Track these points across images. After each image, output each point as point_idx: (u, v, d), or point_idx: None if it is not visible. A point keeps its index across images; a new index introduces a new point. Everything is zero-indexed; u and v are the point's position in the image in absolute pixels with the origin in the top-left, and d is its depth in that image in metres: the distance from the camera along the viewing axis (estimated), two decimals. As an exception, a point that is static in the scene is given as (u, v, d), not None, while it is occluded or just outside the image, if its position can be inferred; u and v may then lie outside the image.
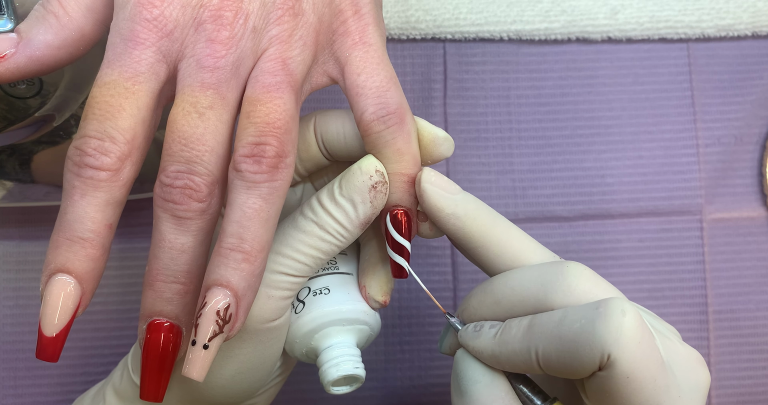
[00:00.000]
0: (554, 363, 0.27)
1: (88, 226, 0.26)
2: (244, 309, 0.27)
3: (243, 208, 0.26)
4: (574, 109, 0.46)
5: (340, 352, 0.31)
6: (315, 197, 0.31)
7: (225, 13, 0.27)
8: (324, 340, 0.32)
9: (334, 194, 0.30)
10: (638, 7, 0.45)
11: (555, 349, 0.27)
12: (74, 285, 0.26)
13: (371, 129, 0.30)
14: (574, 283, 0.28)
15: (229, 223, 0.27)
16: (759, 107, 0.46)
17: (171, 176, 0.26)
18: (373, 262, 0.33)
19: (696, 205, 0.46)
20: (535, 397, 0.30)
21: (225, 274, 0.26)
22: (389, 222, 0.31)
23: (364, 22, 0.30)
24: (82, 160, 0.26)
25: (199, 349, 0.26)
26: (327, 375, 0.31)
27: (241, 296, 0.27)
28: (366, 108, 0.30)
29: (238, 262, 0.26)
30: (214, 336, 0.26)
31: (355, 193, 0.30)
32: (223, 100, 0.27)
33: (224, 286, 0.26)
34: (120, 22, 0.27)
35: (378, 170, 0.30)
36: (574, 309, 0.27)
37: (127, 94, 0.26)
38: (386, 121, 0.30)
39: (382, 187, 0.30)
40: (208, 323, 0.26)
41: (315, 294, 0.32)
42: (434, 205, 0.31)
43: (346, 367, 0.31)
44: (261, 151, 0.26)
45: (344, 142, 0.32)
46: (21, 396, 0.43)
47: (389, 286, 0.34)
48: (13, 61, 0.27)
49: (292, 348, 0.32)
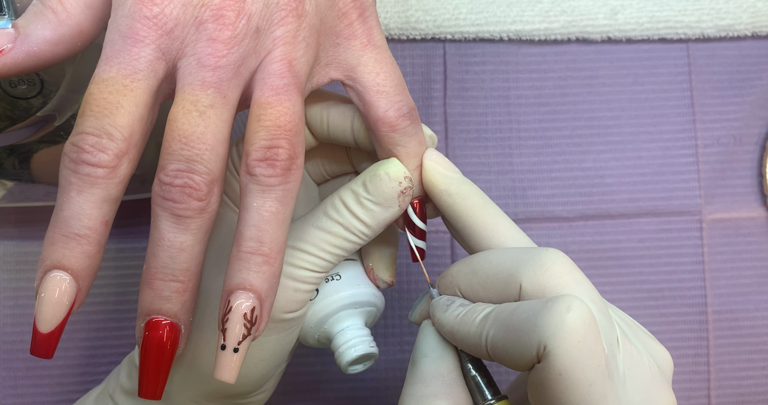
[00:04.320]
0: (499, 350, 0.27)
1: (84, 223, 0.26)
2: (267, 309, 0.27)
3: (260, 211, 0.27)
4: (574, 110, 0.46)
5: (354, 334, 0.33)
6: (338, 198, 0.31)
7: (227, 12, 0.27)
8: (337, 325, 0.33)
9: (360, 198, 0.31)
10: (638, 7, 0.46)
11: (501, 337, 0.27)
12: (70, 281, 0.26)
13: (398, 125, 0.31)
14: (547, 264, 0.28)
15: (246, 227, 0.27)
16: (758, 107, 0.46)
17: (170, 175, 0.26)
18: (378, 245, 0.35)
19: (695, 206, 0.46)
20: (485, 388, 0.30)
21: (247, 277, 0.27)
22: (412, 213, 0.33)
23: (369, 25, 0.31)
24: (79, 156, 0.26)
25: (229, 353, 0.27)
26: (346, 356, 0.32)
27: (265, 298, 0.27)
28: (390, 106, 0.31)
29: (259, 265, 0.27)
30: (243, 339, 0.27)
31: (383, 198, 0.31)
32: (224, 98, 0.27)
33: (248, 290, 0.27)
34: (119, 19, 0.27)
35: (406, 176, 0.31)
36: (529, 301, 0.28)
37: (125, 91, 0.26)
38: (411, 116, 0.31)
39: (409, 191, 0.31)
40: (236, 327, 0.27)
41: (327, 280, 0.34)
42: (430, 181, 0.32)
43: (362, 347, 0.32)
44: (274, 155, 0.27)
45: (326, 130, 0.33)
46: (21, 396, 0.43)
47: (395, 267, 0.35)
48: (11, 57, 0.27)
49: (305, 335, 0.34)
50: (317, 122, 0.33)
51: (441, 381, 0.30)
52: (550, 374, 0.26)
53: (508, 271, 0.29)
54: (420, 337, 0.31)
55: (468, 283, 0.30)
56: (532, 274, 0.28)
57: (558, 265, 0.28)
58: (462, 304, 0.30)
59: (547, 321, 0.26)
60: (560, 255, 0.29)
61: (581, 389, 0.26)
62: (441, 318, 0.30)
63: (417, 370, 0.30)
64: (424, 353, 0.30)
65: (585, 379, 0.26)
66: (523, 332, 0.26)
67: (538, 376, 0.26)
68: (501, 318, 0.28)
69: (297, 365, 0.45)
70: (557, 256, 0.29)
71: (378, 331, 0.45)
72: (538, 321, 0.26)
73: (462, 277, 0.31)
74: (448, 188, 0.32)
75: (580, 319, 0.26)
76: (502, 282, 0.29)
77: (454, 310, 0.30)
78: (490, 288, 0.30)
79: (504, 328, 0.27)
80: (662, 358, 0.30)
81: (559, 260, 0.29)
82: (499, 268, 0.29)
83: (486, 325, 0.28)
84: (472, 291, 0.30)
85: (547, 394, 0.26)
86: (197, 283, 0.28)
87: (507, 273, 0.29)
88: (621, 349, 0.28)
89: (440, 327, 0.30)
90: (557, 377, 0.26)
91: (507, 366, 0.28)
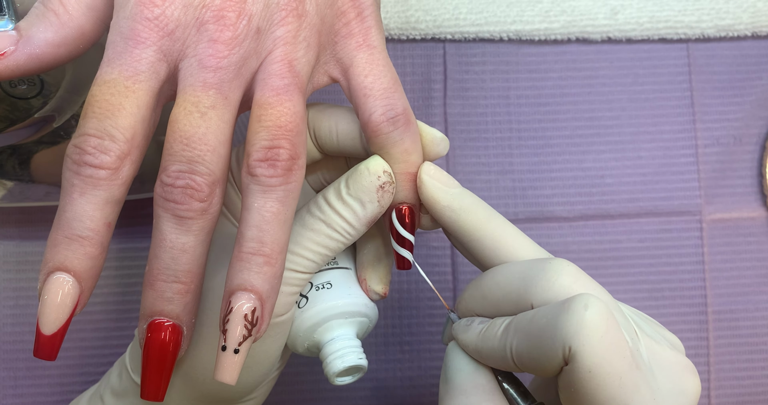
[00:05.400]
0: (525, 359, 0.27)
1: (87, 225, 0.26)
2: (268, 310, 0.27)
3: (261, 211, 0.27)
4: (574, 110, 0.46)
5: (343, 344, 0.32)
6: (321, 196, 0.31)
7: (228, 13, 0.27)
8: (326, 334, 0.33)
9: (342, 194, 0.31)
10: (638, 7, 0.46)
11: (525, 346, 0.27)
12: (73, 283, 0.26)
13: (380, 130, 0.30)
14: (553, 278, 0.28)
15: (247, 227, 0.27)
16: (758, 108, 0.46)
17: (172, 176, 0.26)
18: (372, 257, 0.34)
19: (695, 206, 0.46)
20: (519, 398, 0.30)
21: (248, 278, 0.27)
22: (395, 218, 0.32)
23: (367, 25, 0.31)
24: (81, 158, 0.26)
25: (230, 354, 0.27)
26: (332, 367, 0.32)
27: (266, 298, 0.27)
28: (374, 109, 0.30)
29: (260, 266, 0.27)
30: (243, 340, 0.27)
31: (363, 193, 0.30)
32: (226, 99, 0.27)
33: (248, 290, 0.27)
34: (120, 21, 0.27)
35: (386, 171, 0.31)
36: (545, 307, 0.28)
37: (127, 92, 0.26)
38: (395, 122, 0.30)
39: (389, 187, 0.31)
40: (236, 328, 0.27)
41: (318, 289, 0.33)
42: (431, 197, 0.31)
43: (350, 358, 0.32)
44: (275, 155, 0.27)
45: (336, 141, 0.32)
46: (21, 396, 0.43)
47: (388, 279, 0.34)
48: (13, 59, 0.27)
49: (294, 342, 0.33)
50: (326, 133, 0.32)
51: (481, 390, 0.30)
52: (580, 374, 0.26)
53: (516, 292, 0.29)
54: (449, 357, 0.31)
55: (482, 307, 0.31)
56: (541, 292, 0.28)
57: (564, 275, 0.28)
58: (482, 321, 0.30)
59: (567, 322, 0.26)
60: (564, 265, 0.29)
61: (613, 383, 0.26)
62: (464, 338, 0.30)
63: (454, 383, 0.30)
64: (457, 368, 0.30)
65: (615, 372, 0.26)
66: (546, 338, 0.26)
67: (569, 378, 0.26)
68: (521, 327, 0.28)
69: (297, 365, 0.45)
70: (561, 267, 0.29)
71: (378, 331, 0.45)
72: (558, 324, 0.26)
73: (474, 302, 0.31)
74: (450, 204, 0.31)
75: (599, 315, 0.26)
76: (513, 303, 0.29)
77: (475, 329, 0.30)
78: (503, 310, 0.30)
79: (526, 337, 0.27)
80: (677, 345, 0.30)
81: (565, 270, 0.28)
82: (507, 289, 0.29)
83: (508, 337, 0.28)
84: (488, 313, 0.30)
85: (580, 393, 0.26)
86: (199, 284, 0.28)
87: (516, 294, 0.29)
88: (641, 340, 0.28)
89: (465, 347, 0.31)
90: (587, 375, 0.26)
91: (536, 374, 0.28)
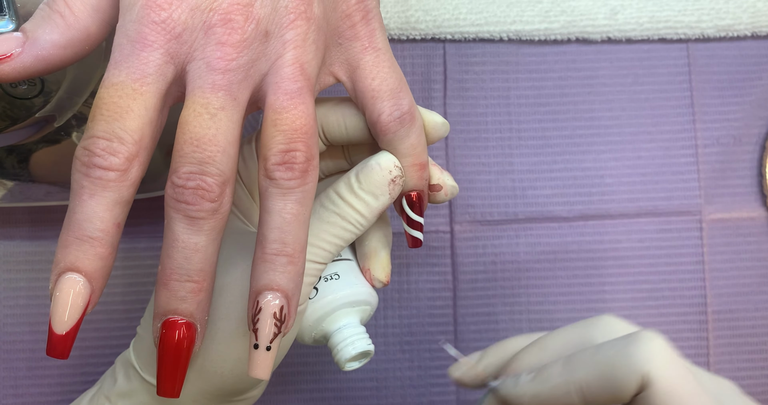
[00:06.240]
0: (595, 388, 0.30)
1: (97, 225, 0.26)
2: (294, 307, 0.29)
3: (282, 214, 0.28)
4: (574, 110, 0.46)
5: (352, 332, 0.34)
6: (333, 190, 0.33)
7: (235, 16, 0.27)
8: (334, 323, 0.34)
9: (354, 188, 0.32)
10: (638, 7, 0.46)
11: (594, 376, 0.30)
12: (84, 283, 0.27)
13: (389, 129, 0.32)
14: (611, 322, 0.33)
15: (269, 230, 0.28)
16: (758, 108, 0.46)
17: (183, 177, 0.27)
18: (374, 248, 0.36)
19: (695, 206, 0.46)
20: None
21: (274, 278, 0.28)
22: (406, 205, 0.34)
23: (371, 27, 0.31)
24: (90, 160, 0.26)
25: (262, 351, 0.28)
26: (344, 354, 0.33)
27: (291, 296, 0.28)
28: (383, 110, 0.31)
29: (285, 266, 0.28)
30: (274, 337, 0.28)
31: (375, 187, 0.32)
32: (234, 101, 0.28)
33: (275, 290, 0.28)
34: (127, 24, 0.27)
35: (396, 165, 0.32)
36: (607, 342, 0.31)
37: (135, 95, 0.27)
38: (402, 121, 0.32)
39: (399, 180, 0.33)
40: (267, 326, 0.28)
41: (326, 280, 0.34)
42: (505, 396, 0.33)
43: (360, 344, 0.33)
44: (292, 158, 0.28)
45: (345, 132, 0.33)
46: (21, 396, 0.43)
47: (389, 268, 0.36)
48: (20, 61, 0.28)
49: (302, 333, 0.34)
50: (335, 127, 0.33)
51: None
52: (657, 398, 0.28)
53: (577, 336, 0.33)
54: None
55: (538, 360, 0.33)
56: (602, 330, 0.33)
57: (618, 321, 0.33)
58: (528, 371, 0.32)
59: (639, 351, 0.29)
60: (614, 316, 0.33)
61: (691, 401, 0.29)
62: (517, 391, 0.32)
63: None
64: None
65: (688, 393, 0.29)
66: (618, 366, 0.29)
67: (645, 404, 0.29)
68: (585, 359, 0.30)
69: (297, 365, 0.45)
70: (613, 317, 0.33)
71: (378, 331, 0.45)
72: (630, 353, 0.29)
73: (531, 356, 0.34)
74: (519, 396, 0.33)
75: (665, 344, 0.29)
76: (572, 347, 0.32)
77: (525, 379, 0.32)
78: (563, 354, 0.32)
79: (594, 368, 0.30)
80: None
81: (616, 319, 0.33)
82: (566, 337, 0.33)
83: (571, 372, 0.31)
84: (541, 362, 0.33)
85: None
86: (212, 282, 0.29)
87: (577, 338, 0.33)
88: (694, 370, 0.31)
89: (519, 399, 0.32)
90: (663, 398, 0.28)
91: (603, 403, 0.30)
